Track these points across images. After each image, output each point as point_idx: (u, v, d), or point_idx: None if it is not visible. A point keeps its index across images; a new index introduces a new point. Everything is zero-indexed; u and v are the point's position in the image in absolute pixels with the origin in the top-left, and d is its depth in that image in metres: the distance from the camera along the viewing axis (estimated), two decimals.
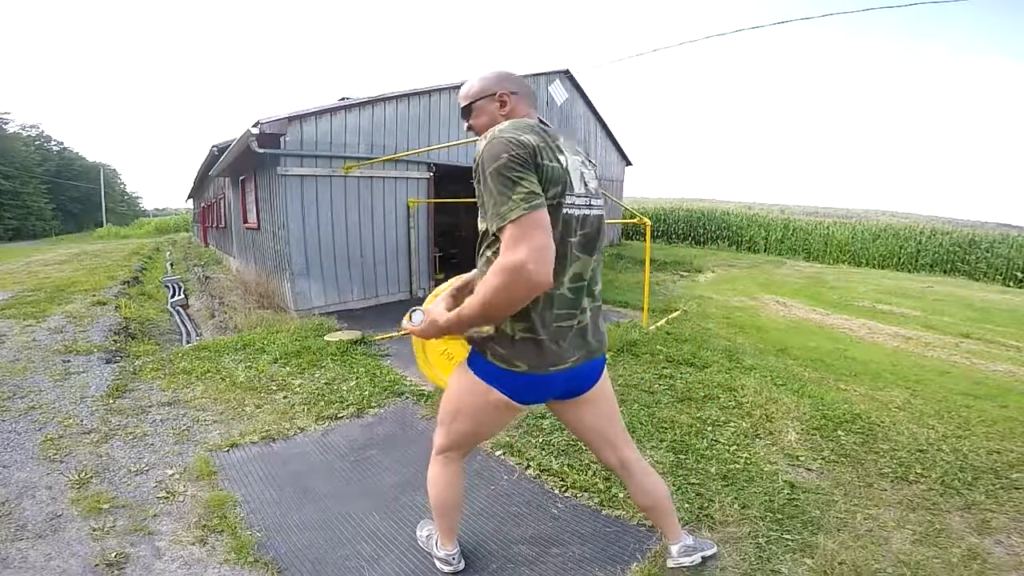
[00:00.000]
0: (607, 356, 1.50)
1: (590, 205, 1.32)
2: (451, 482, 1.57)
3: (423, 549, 1.81)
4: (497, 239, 1.13)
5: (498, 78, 1.37)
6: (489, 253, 1.22)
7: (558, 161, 1.21)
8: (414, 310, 1.31)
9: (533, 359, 1.26)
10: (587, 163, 1.38)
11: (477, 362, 1.35)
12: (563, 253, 1.23)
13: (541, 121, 1.35)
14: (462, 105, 1.41)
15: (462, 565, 1.72)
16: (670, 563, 1.66)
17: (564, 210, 1.22)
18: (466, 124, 1.42)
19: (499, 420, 1.45)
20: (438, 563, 1.73)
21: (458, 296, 1.43)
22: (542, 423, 2.80)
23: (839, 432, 2.81)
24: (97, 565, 1.69)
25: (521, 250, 1.06)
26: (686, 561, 1.64)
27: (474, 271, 1.40)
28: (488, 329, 1.28)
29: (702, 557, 1.67)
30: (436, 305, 1.35)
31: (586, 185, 1.32)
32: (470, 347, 1.38)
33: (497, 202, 1.10)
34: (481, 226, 1.21)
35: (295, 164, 5.46)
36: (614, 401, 1.54)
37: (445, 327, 1.23)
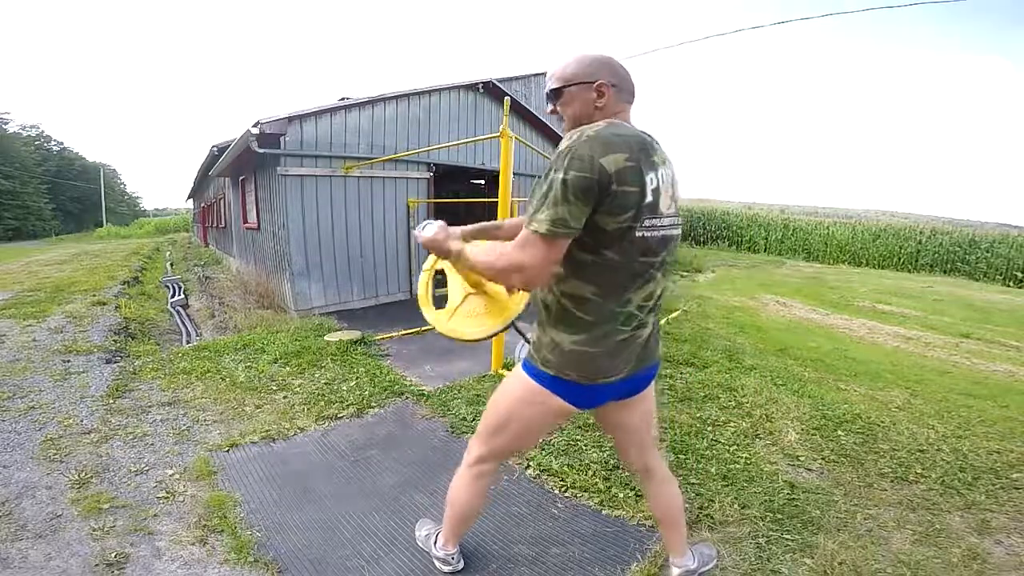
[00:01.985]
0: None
1: (675, 224, 1.26)
2: (479, 495, 1.52)
3: (422, 548, 1.81)
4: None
5: (599, 64, 1.23)
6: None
7: (640, 185, 1.12)
8: (428, 223, 1.32)
9: (584, 370, 1.25)
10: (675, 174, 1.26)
11: (531, 368, 1.33)
12: (638, 273, 1.20)
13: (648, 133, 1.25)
14: (552, 87, 1.26)
15: (461, 565, 1.72)
16: None
17: (641, 232, 1.16)
18: (550, 108, 1.29)
19: (550, 427, 1.45)
20: (437, 563, 1.72)
21: (477, 234, 1.50)
22: None
23: (839, 432, 2.80)
24: (97, 565, 1.68)
25: (526, 258, 1.11)
26: None
27: (502, 223, 1.51)
28: (532, 335, 1.33)
29: None
30: (454, 230, 1.37)
31: (675, 203, 1.25)
32: (523, 354, 1.39)
33: (538, 203, 1.11)
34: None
35: (295, 164, 5.46)
36: (653, 405, 1.49)
37: (447, 251, 1.28)
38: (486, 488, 1.54)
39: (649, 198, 1.14)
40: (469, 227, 1.50)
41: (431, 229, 1.31)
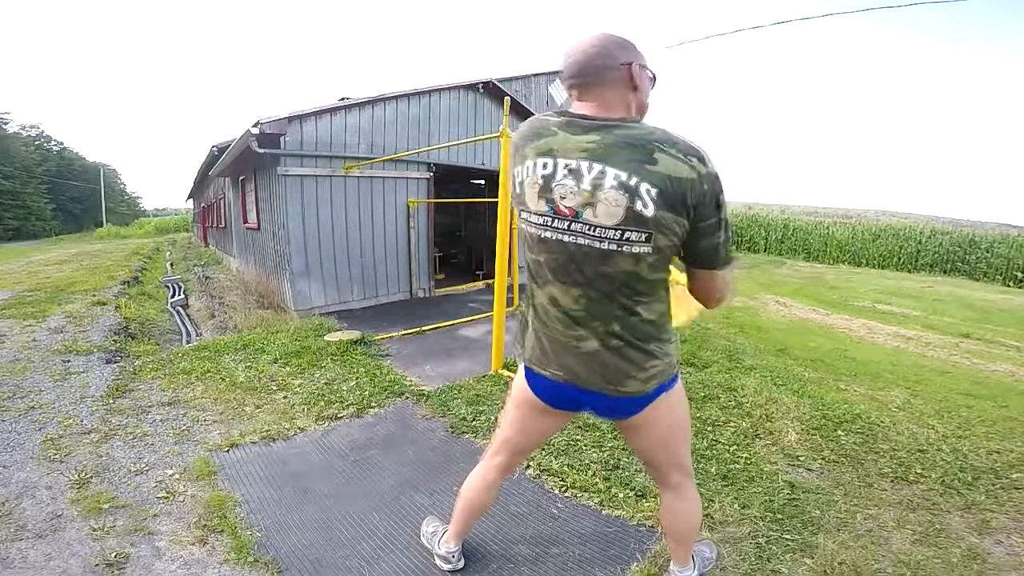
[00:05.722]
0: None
1: (552, 227, 1.09)
2: (486, 488, 1.56)
3: (425, 545, 1.82)
4: None
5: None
6: None
7: (523, 165, 1.11)
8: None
9: (525, 349, 1.31)
10: (602, 176, 1.01)
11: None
12: (534, 267, 1.20)
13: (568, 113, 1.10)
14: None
15: (461, 564, 1.72)
16: None
17: (521, 224, 1.17)
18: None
19: (531, 415, 1.40)
20: (438, 560, 1.73)
21: None
22: None
23: (839, 432, 2.80)
24: (97, 565, 1.68)
25: None
26: None
27: None
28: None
29: None
30: None
31: (552, 204, 1.07)
32: None
33: None
34: None
35: (295, 164, 5.46)
36: (662, 436, 1.36)
37: None
38: (494, 483, 1.56)
39: (516, 189, 1.15)
40: None
41: None
